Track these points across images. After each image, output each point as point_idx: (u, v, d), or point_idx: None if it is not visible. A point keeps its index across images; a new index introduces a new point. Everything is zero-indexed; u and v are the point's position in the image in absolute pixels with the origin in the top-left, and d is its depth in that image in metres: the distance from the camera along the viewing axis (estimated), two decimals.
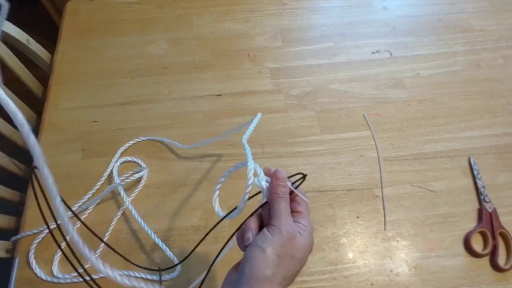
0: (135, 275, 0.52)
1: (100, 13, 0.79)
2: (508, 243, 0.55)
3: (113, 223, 0.55)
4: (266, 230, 0.34)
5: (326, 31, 0.77)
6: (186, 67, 0.72)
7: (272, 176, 0.36)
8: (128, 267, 0.52)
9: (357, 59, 0.73)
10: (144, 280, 0.51)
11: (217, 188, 0.40)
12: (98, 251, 0.53)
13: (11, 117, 0.25)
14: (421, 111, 0.67)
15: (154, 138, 0.63)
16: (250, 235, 0.35)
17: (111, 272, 0.28)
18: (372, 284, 0.52)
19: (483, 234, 0.56)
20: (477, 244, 0.55)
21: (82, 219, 0.55)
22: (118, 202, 0.57)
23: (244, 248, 0.35)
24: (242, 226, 0.37)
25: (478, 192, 0.59)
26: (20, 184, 0.65)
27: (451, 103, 0.68)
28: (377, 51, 0.74)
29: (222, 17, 0.78)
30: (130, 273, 0.52)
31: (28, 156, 0.66)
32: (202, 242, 0.53)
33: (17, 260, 0.52)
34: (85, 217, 0.55)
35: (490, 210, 0.57)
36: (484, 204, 0.57)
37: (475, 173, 0.60)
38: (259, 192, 0.37)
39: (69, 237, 0.28)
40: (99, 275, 0.51)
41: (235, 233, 0.37)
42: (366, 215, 0.57)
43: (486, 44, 0.76)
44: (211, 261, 0.39)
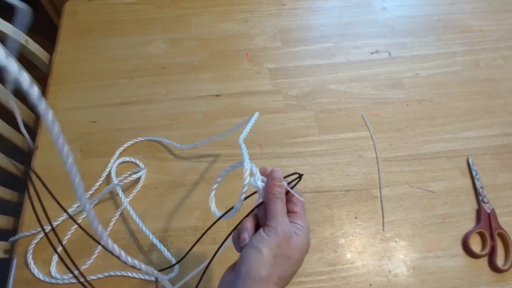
0: (133, 275, 0.52)
1: (99, 13, 0.79)
2: (506, 244, 0.55)
3: (111, 224, 0.55)
4: (262, 231, 0.34)
5: (325, 31, 0.77)
6: (184, 67, 0.71)
7: (268, 176, 0.36)
8: (126, 268, 0.52)
9: (356, 59, 0.73)
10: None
11: (214, 188, 0.40)
12: (96, 252, 0.53)
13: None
14: (420, 112, 0.67)
15: (153, 138, 0.63)
16: (246, 235, 0.35)
17: (123, 255, 0.31)
18: (371, 285, 0.52)
19: (481, 234, 0.56)
20: (476, 244, 0.55)
21: (80, 219, 0.55)
22: (116, 203, 0.57)
23: (240, 249, 0.35)
24: (238, 226, 0.37)
25: (477, 193, 0.59)
26: (19, 184, 0.65)
27: (450, 103, 0.68)
28: (376, 52, 0.74)
29: (221, 18, 0.78)
30: (128, 274, 0.52)
31: (27, 157, 0.66)
32: (200, 243, 0.53)
33: (15, 261, 0.52)
34: (83, 218, 0.55)
35: (488, 211, 0.57)
36: (483, 204, 0.57)
37: (474, 173, 0.60)
38: (256, 192, 0.37)
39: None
40: (97, 276, 0.51)
41: (231, 234, 0.37)
42: (364, 216, 0.57)
43: (485, 45, 0.75)
44: (212, 262, 0.39)
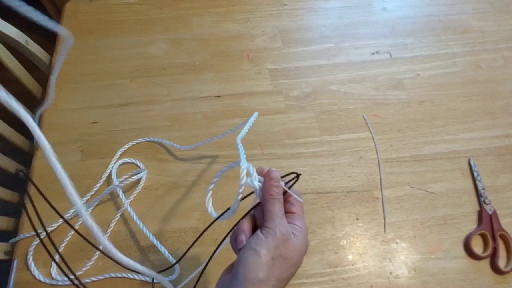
0: (133, 277, 0.51)
1: (100, 13, 0.78)
2: (508, 246, 0.54)
3: (112, 225, 0.55)
4: (259, 232, 0.33)
5: (326, 32, 0.77)
6: (185, 68, 0.71)
7: (265, 176, 0.35)
8: (126, 269, 0.51)
9: (357, 60, 0.73)
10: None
11: (210, 188, 0.40)
12: (97, 253, 0.53)
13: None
14: (421, 112, 0.67)
15: (153, 139, 0.63)
16: (243, 237, 0.34)
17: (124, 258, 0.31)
18: (372, 286, 0.52)
19: (483, 236, 0.55)
20: (477, 246, 0.55)
21: (80, 221, 0.55)
22: (117, 204, 0.57)
23: (238, 250, 0.34)
24: (235, 228, 0.36)
25: (478, 194, 0.58)
26: (19, 185, 0.64)
27: (451, 104, 0.68)
28: (377, 52, 0.74)
29: (222, 18, 0.78)
30: (129, 276, 0.51)
31: (27, 157, 0.66)
32: (201, 244, 0.53)
33: (15, 262, 0.52)
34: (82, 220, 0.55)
35: (490, 212, 0.56)
36: (484, 206, 0.57)
37: (475, 174, 0.60)
38: (253, 192, 0.37)
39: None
40: (97, 278, 0.51)
41: (228, 236, 0.37)
42: (365, 217, 0.57)
43: (486, 45, 0.75)
44: (211, 263, 0.39)
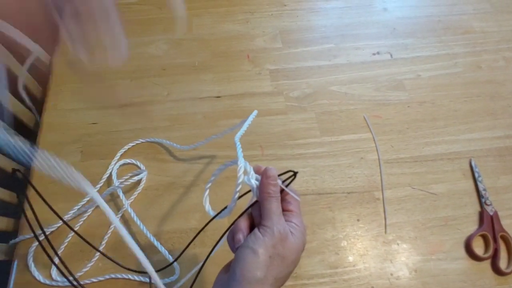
0: (133, 278, 0.51)
1: None
2: (509, 247, 0.54)
3: (112, 226, 0.55)
4: (257, 231, 0.33)
5: (326, 32, 0.77)
6: (185, 68, 0.71)
7: (263, 174, 0.35)
8: (126, 270, 0.51)
9: (358, 60, 0.73)
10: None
11: (208, 187, 0.40)
12: (97, 254, 0.53)
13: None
14: (422, 113, 0.67)
15: (153, 140, 0.63)
16: (241, 236, 0.34)
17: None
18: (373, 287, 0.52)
19: (484, 237, 0.55)
20: (478, 247, 0.55)
21: (81, 221, 0.55)
22: (117, 205, 0.57)
23: (235, 249, 0.34)
24: (232, 227, 0.36)
25: (479, 195, 0.58)
26: (18, 185, 0.64)
27: (452, 105, 0.68)
28: (378, 53, 0.74)
29: (222, 18, 0.78)
30: (129, 277, 0.51)
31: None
32: (201, 244, 0.53)
33: (15, 263, 0.52)
34: (84, 220, 0.55)
35: (491, 213, 0.56)
36: (485, 207, 0.57)
37: (476, 175, 0.60)
38: (250, 190, 0.37)
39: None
40: (97, 279, 0.51)
41: (225, 234, 0.37)
42: (366, 218, 0.57)
43: (487, 46, 0.75)
44: (209, 263, 0.39)
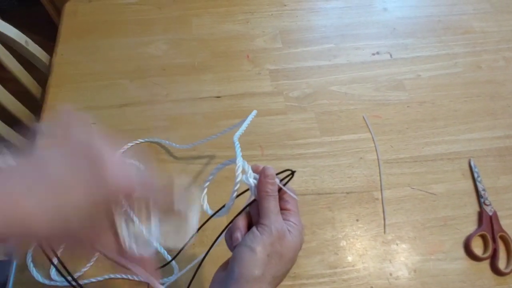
0: (133, 278, 0.51)
1: (99, 14, 0.78)
2: (508, 247, 0.54)
3: None
4: (255, 229, 0.33)
5: (326, 32, 0.77)
6: (185, 68, 0.71)
7: (261, 173, 0.35)
8: (126, 270, 0.51)
9: (357, 60, 0.73)
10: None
11: (205, 185, 0.40)
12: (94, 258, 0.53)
13: None
14: (421, 113, 0.67)
15: (153, 139, 0.63)
16: (239, 234, 0.34)
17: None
18: None
19: (483, 237, 0.55)
20: (478, 247, 0.55)
21: None
22: None
23: (233, 248, 0.34)
24: (230, 225, 0.36)
25: (479, 195, 0.58)
26: None
27: (452, 105, 0.68)
28: (377, 53, 0.74)
29: (222, 18, 0.78)
30: (128, 277, 0.51)
31: None
32: (201, 244, 0.53)
33: (14, 263, 0.52)
34: None
35: (490, 213, 0.56)
36: (485, 207, 0.57)
37: (476, 175, 0.60)
38: (248, 189, 0.37)
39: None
40: (97, 279, 0.51)
41: (223, 233, 0.37)
42: (365, 218, 0.57)
43: (487, 46, 0.75)
44: (208, 262, 0.39)
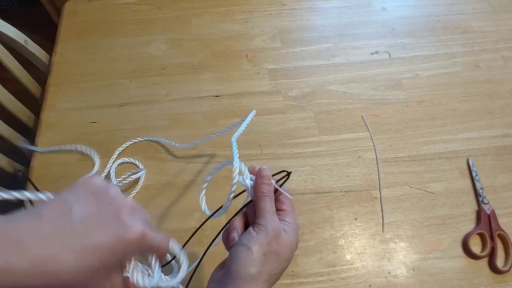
0: None
1: (99, 13, 0.78)
2: (506, 245, 0.54)
3: None
4: (251, 229, 0.34)
5: (325, 32, 0.77)
6: (184, 68, 0.71)
7: (257, 174, 0.36)
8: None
9: (356, 60, 0.73)
10: None
11: (204, 187, 0.41)
12: None
13: None
14: (420, 112, 0.67)
15: (152, 138, 0.63)
16: (235, 235, 0.35)
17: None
18: (370, 286, 0.52)
19: (481, 235, 0.55)
20: (476, 246, 0.55)
21: None
22: None
23: (230, 248, 0.35)
24: (227, 226, 0.37)
25: (477, 194, 0.58)
26: (19, 185, 0.65)
27: (450, 104, 0.68)
28: (376, 52, 0.74)
29: (221, 18, 0.78)
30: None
31: (26, 158, 0.66)
32: (200, 243, 0.54)
33: None
34: None
35: (488, 212, 0.56)
36: (483, 205, 0.57)
37: (474, 174, 0.60)
38: (245, 190, 0.37)
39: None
40: None
41: (220, 233, 0.37)
42: (364, 217, 0.57)
43: (485, 45, 0.75)
44: (206, 261, 0.39)
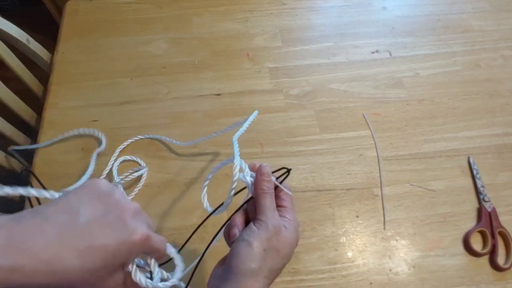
0: None
1: (100, 12, 0.79)
2: (507, 243, 0.55)
3: None
4: (252, 225, 0.34)
5: (326, 31, 0.77)
6: (185, 67, 0.72)
7: (257, 171, 0.36)
8: None
9: (357, 59, 0.73)
10: None
11: (205, 184, 0.41)
12: None
13: None
14: (421, 111, 0.67)
15: (153, 136, 0.63)
16: (236, 231, 0.35)
17: None
18: (371, 283, 0.52)
19: (482, 233, 0.56)
20: (477, 243, 0.55)
21: None
22: None
23: (231, 244, 0.35)
24: (228, 222, 0.37)
25: (478, 192, 0.59)
26: (21, 183, 0.65)
27: (451, 103, 0.68)
28: (377, 51, 0.74)
29: (222, 17, 0.79)
30: None
31: (29, 155, 0.66)
32: (202, 240, 0.54)
33: None
34: None
35: (489, 210, 0.57)
36: (484, 203, 0.57)
37: (475, 172, 0.60)
38: (245, 187, 0.38)
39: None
40: None
41: (222, 229, 0.38)
42: (365, 215, 0.57)
43: (485, 44, 0.76)
44: (208, 258, 0.39)
